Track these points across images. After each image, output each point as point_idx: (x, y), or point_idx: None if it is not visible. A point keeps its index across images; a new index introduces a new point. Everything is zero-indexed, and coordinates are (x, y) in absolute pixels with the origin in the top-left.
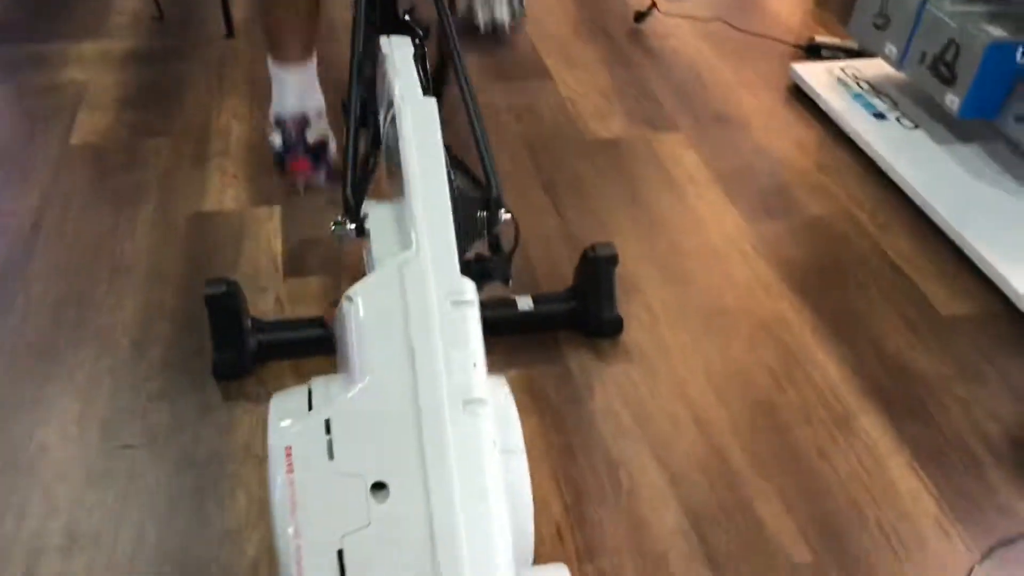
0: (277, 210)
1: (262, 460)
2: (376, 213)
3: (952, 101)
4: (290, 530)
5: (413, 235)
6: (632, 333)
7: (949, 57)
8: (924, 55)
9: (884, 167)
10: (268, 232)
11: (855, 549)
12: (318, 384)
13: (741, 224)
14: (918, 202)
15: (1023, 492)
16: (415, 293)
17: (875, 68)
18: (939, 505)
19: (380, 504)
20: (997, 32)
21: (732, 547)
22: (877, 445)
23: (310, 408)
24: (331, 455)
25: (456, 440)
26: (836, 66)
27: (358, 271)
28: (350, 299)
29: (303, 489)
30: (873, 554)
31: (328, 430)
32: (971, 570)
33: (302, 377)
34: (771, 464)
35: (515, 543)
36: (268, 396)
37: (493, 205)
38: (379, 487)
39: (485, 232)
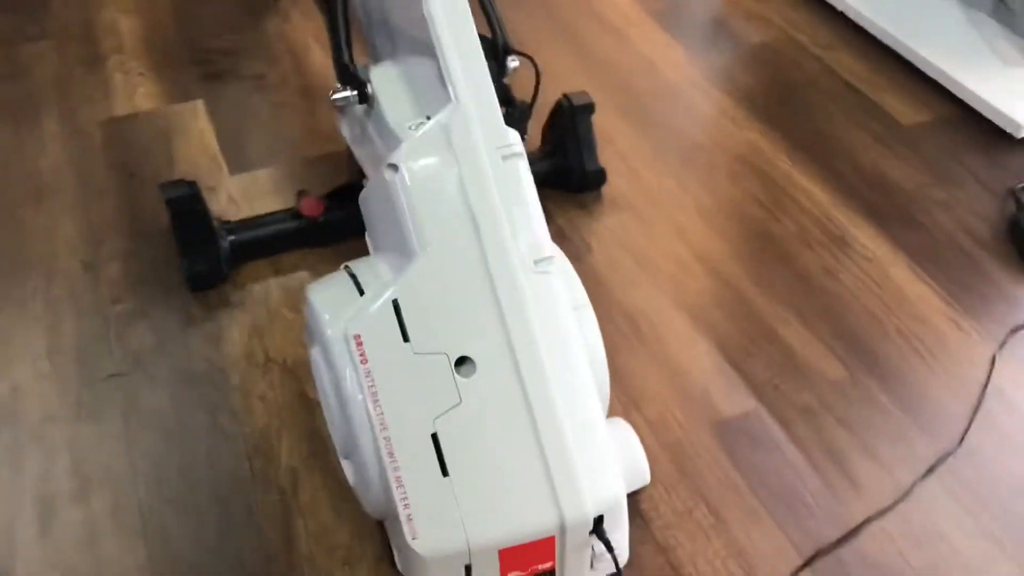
0: (200, 104)
1: (267, 364)
2: (378, 76)
3: None
4: (374, 423)
5: (451, 89)
6: (614, 183)
7: None
8: None
9: None
10: (198, 128)
11: (883, 358)
12: (360, 268)
13: (689, 59)
14: (856, 19)
15: (1021, 279)
16: (465, 151)
17: None
18: (948, 304)
19: (467, 379)
20: None
21: (768, 374)
22: (877, 256)
23: (361, 293)
24: (406, 337)
25: (534, 302)
26: None
27: (315, 153)
28: (394, 167)
29: (383, 378)
30: (901, 360)
31: (397, 311)
32: (992, 359)
33: (282, 275)
34: (783, 290)
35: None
36: (251, 301)
37: (501, 52)
38: (463, 362)
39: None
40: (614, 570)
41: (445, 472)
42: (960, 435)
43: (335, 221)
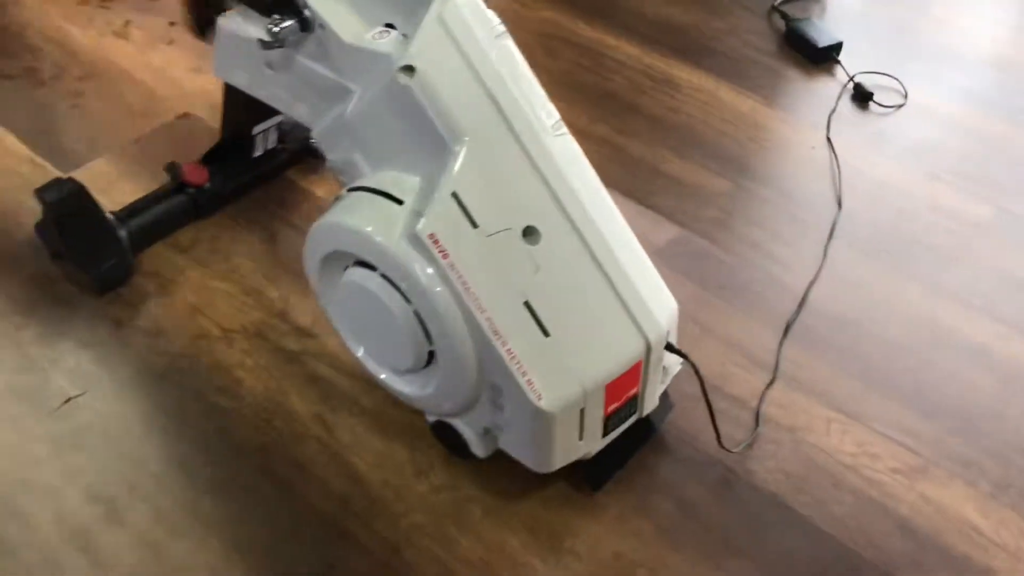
0: None
1: (227, 336)
2: None
3: None
4: (471, 309)
5: None
6: None
7: None
8: None
9: None
10: None
11: (748, 163)
12: (383, 183)
13: None
14: None
15: (811, 74)
16: (466, 39)
17: None
18: (773, 108)
19: (536, 246)
20: None
21: (673, 202)
22: (702, 86)
23: (399, 203)
24: (474, 223)
25: (565, 161)
26: None
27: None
28: (410, 68)
29: (466, 266)
30: (762, 161)
31: (459, 202)
32: (828, 139)
33: (186, 252)
34: (647, 134)
35: None
36: (170, 285)
37: None
38: (528, 231)
39: None
40: (668, 382)
41: (546, 333)
42: (836, 202)
43: (222, 184)
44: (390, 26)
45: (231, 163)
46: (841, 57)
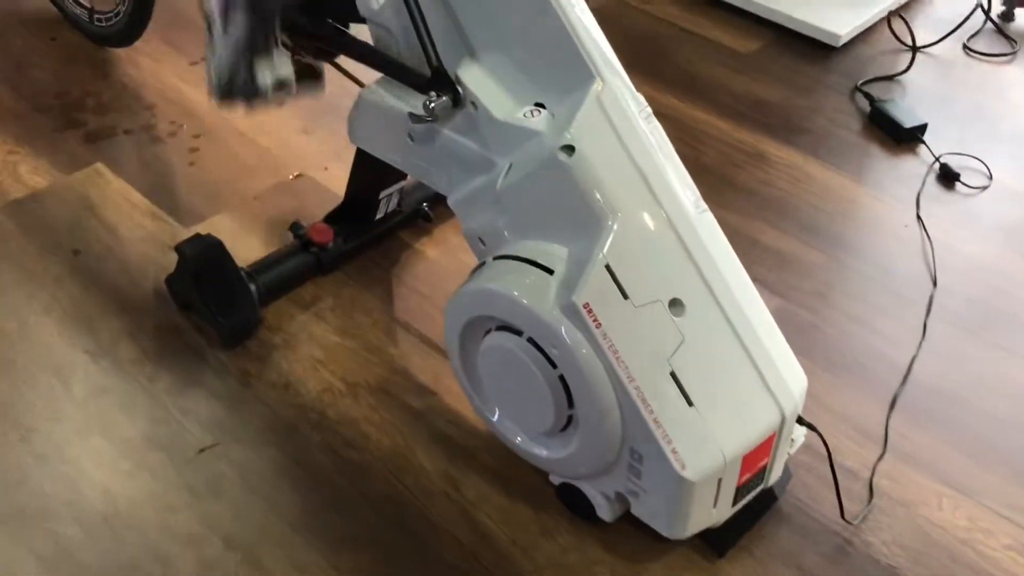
0: (101, 167)
1: (353, 390)
2: (468, 76)
3: None
4: (621, 377)
5: (591, 66)
6: None
7: None
8: None
9: None
10: (116, 191)
11: (842, 237)
12: (532, 253)
13: None
14: None
15: (897, 153)
16: (621, 120)
17: None
18: (862, 184)
19: (681, 317)
20: None
21: (773, 274)
22: (791, 161)
23: (550, 272)
24: (624, 294)
25: (709, 238)
26: None
27: (263, 187)
28: (570, 148)
29: (617, 335)
30: (855, 234)
31: (611, 273)
32: (918, 217)
33: (308, 308)
34: (743, 207)
35: None
36: (294, 339)
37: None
38: (675, 303)
39: None
40: (792, 452)
41: (690, 403)
42: (931, 279)
43: (344, 244)
44: (540, 105)
45: (354, 224)
46: (925, 137)
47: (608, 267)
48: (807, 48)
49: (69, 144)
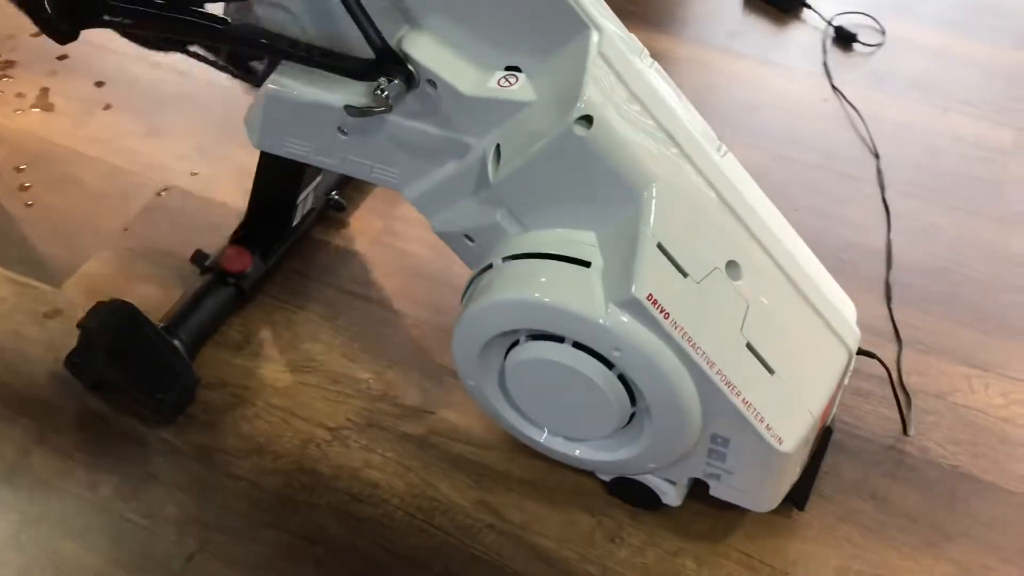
0: None
1: (338, 434)
2: (419, 50)
3: None
4: (700, 364)
5: (583, 16)
6: None
7: None
8: None
9: None
10: None
11: None
12: (556, 246)
13: None
14: None
15: None
16: (628, 72)
17: None
18: (762, 62)
19: (740, 280)
20: None
21: None
22: (691, 55)
23: (586, 264)
24: (683, 272)
25: (739, 181)
26: None
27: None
28: (588, 119)
29: (688, 320)
30: None
31: (664, 252)
32: None
33: (239, 349)
34: None
35: None
36: (244, 392)
37: None
38: (731, 266)
39: None
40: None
41: (771, 371)
42: (872, 152)
43: (263, 264)
44: (514, 69)
45: (268, 238)
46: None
47: (660, 245)
48: None
49: None
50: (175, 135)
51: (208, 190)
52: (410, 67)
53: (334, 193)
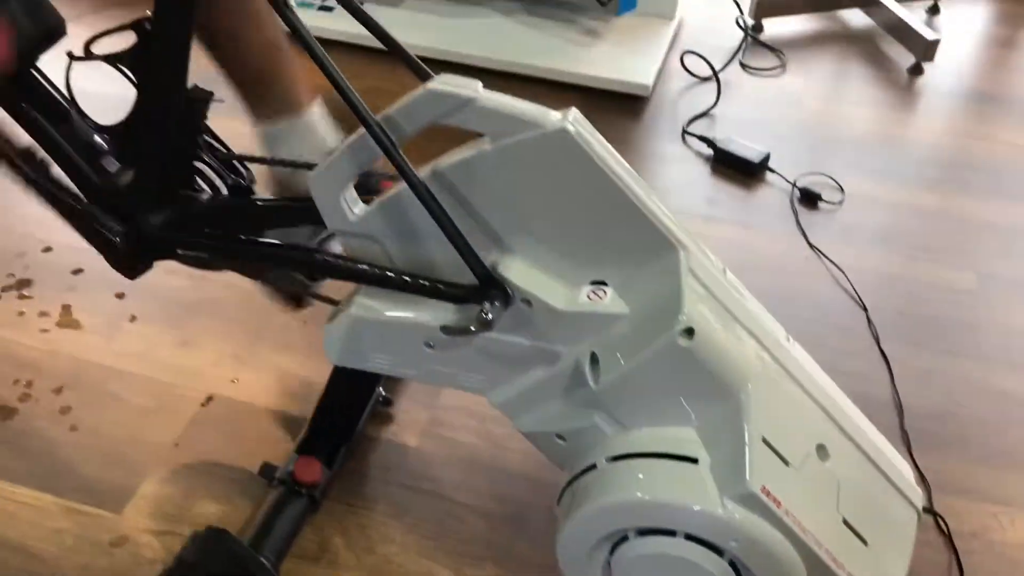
0: None
1: None
2: (513, 271)
3: None
4: (812, 546)
5: (670, 237)
6: None
7: None
8: None
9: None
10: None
11: None
12: (662, 444)
13: None
14: (455, 60)
15: None
16: (713, 284)
17: None
18: (744, 226)
19: (828, 461)
20: None
21: None
22: None
23: (693, 461)
24: (785, 461)
25: (811, 368)
26: None
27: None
28: (690, 331)
29: (796, 505)
30: None
31: (768, 444)
32: None
33: (315, 560)
34: None
35: None
36: None
37: None
38: (820, 449)
39: None
40: None
41: (865, 542)
42: (860, 304)
43: (332, 471)
44: (599, 282)
45: (333, 445)
46: (771, 164)
47: (764, 439)
48: (619, 103)
49: None
50: (207, 342)
51: (251, 396)
52: (508, 289)
53: (380, 389)
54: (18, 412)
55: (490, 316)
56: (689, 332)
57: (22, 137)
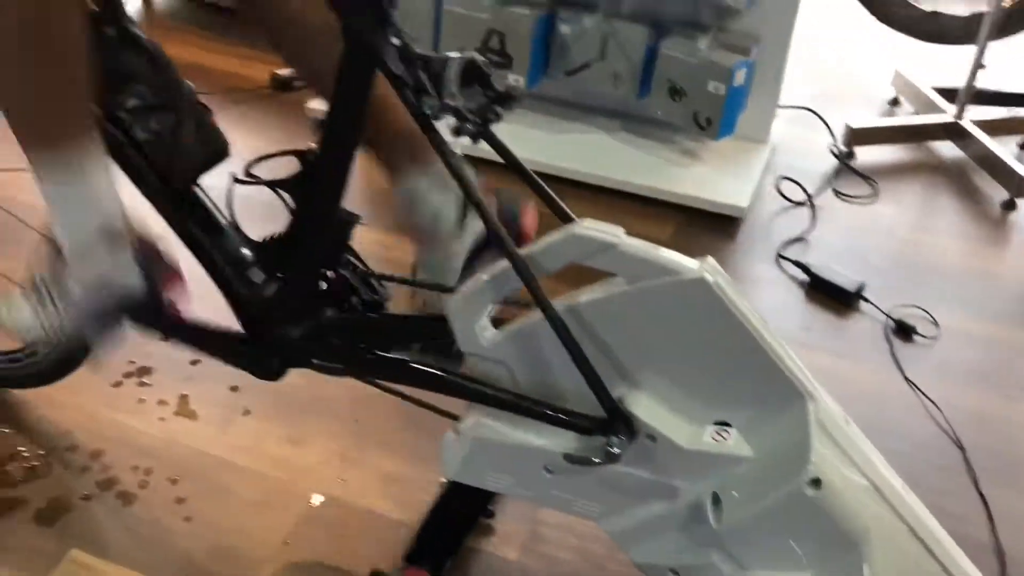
0: (81, 556)
1: None
2: (640, 406)
3: (516, 79)
4: None
5: (800, 387)
6: None
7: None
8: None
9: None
10: None
11: None
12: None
13: None
14: (557, 173)
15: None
16: (841, 436)
17: None
18: (838, 355)
19: None
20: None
21: None
22: None
23: None
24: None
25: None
26: None
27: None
28: (817, 481)
29: None
30: None
31: None
32: None
33: None
34: None
35: None
36: None
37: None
38: None
39: None
40: None
41: None
42: (955, 443)
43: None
44: (722, 423)
45: (441, 555)
46: (865, 293)
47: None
48: (714, 223)
49: (21, 535)
50: (316, 440)
51: (359, 498)
52: (633, 424)
53: None
54: (137, 498)
55: (616, 450)
56: (816, 482)
57: None
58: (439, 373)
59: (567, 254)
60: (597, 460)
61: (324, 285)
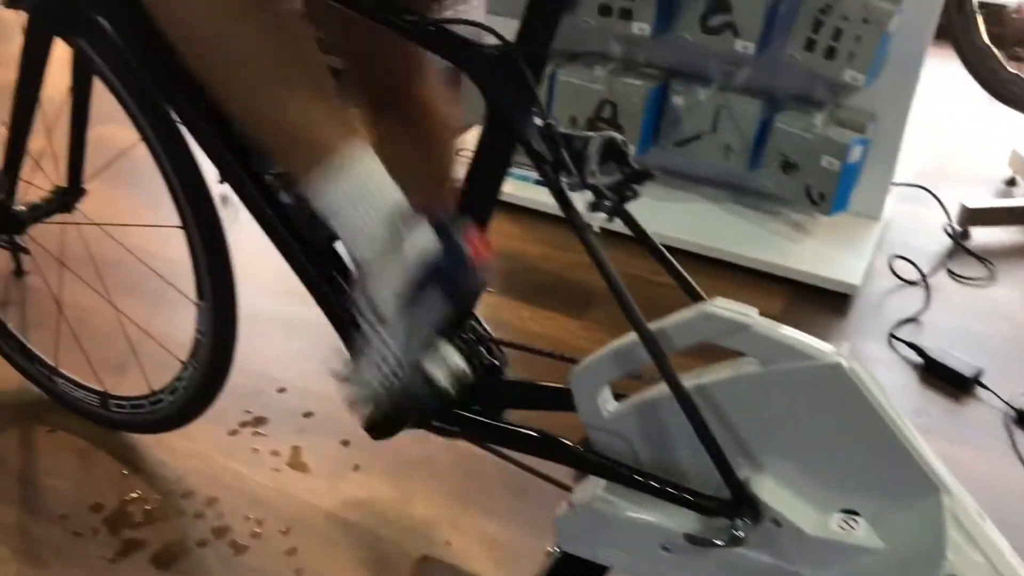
0: None
1: None
2: (766, 490)
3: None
4: None
5: (934, 480)
6: None
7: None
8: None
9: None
10: None
11: None
12: None
13: None
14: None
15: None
16: (976, 532)
17: None
18: (951, 441)
19: None
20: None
21: None
22: None
23: None
24: None
25: None
26: None
27: None
28: None
29: None
30: None
31: None
32: None
33: None
34: None
35: None
36: None
37: None
38: None
39: None
40: None
41: None
42: None
43: None
44: (850, 511)
45: None
46: (983, 380)
47: None
48: (824, 299)
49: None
50: (423, 500)
51: (463, 561)
52: (758, 507)
53: None
54: (249, 549)
55: (741, 533)
56: None
57: None
58: (562, 442)
59: (699, 333)
60: (720, 542)
61: None
